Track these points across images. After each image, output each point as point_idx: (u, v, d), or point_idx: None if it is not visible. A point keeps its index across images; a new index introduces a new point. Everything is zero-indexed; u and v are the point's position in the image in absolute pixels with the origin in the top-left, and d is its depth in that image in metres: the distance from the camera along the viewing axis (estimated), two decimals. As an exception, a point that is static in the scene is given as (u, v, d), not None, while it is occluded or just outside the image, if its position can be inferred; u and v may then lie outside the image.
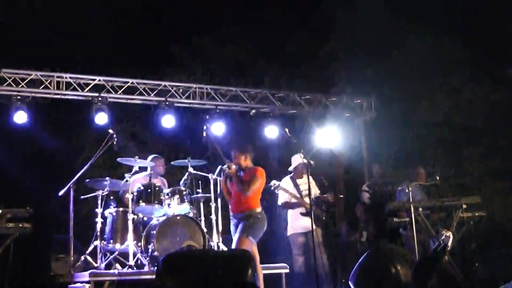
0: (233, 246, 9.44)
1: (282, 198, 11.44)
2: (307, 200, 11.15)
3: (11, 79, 11.64)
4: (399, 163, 15.44)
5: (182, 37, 16.58)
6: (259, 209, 9.66)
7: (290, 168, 11.66)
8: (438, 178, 11.25)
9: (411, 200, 10.29)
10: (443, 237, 10.21)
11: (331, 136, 13.35)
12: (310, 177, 10.67)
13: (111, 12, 16.40)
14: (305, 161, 11.17)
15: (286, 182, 11.50)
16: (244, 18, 16.86)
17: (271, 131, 13.06)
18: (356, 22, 16.83)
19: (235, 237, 9.45)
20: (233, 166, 9.67)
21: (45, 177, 13.74)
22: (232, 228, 9.69)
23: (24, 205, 9.60)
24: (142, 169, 11.43)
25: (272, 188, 11.23)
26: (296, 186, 11.43)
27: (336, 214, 12.17)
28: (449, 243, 10.25)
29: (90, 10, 16.10)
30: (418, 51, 16.94)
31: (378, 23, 16.86)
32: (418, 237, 10.06)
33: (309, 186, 10.20)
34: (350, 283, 7.63)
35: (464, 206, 10.48)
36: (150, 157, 11.57)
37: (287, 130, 10.41)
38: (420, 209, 10.30)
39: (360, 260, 7.68)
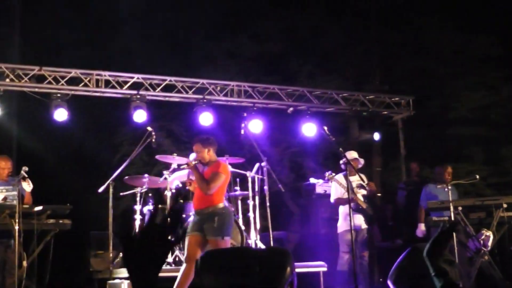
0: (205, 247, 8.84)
1: (334, 194, 11.32)
2: (359, 197, 11.11)
3: (51, 77, 11.73)
4: (436, 161, 15.35)
5: (219, 35, 16.62)
6: (221, 205, 9.04)
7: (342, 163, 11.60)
8: (477, 176, 11.10)
9: (450, 199, 10.19)
10: (483, 237, 10.12)
11: (368, 134, 13.33)
12: (362, 175, 10.68)
13: (149, 11, 16.51)
14: (359, 158, 11.21)
15: (339, 179, 11.39)
16: (280, 15, 16.87)
17: (309, 129, 13.02)
18: (391, 19, 16.78)
19: (211, 240, 8.81)
20: (193, 162, 9.11)
21: (84, 174, 13.88)
22: (191, 225, 9.09)
23: (64, 201, 9.70)
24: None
25: (327, 178, 11.14)
26: (349, 183, 11.33)
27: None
28: (489, 243, 10.15)
29: (129, 9, 16.21)
30: (455, 48, 16.85)
31: (413, 20, 16.80)
32: (457, 236, 9.95)
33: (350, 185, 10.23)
34: (388, 282, 7.59)
35: (505, 205, 10.32)
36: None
37: (325, 128, 10.37)
38: (460, 208, 10.20)
39: (398, 259, 7.63)
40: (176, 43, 16.45)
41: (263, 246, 10.74)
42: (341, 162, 11.44)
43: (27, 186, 9.58)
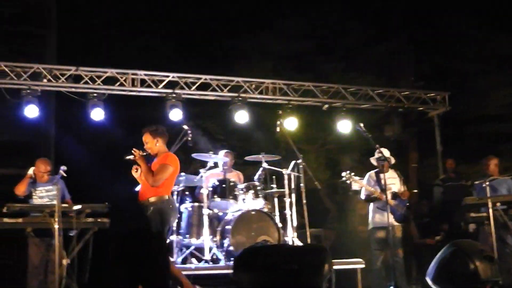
0: None
1: (363, 192, 11.35)
2: (388, 194, 11.08)
3: (87, 77, 11.83)
4: (472, 157, 15.24)
5: (251, 33, 16.63)
6: (166, 197, 8.84)
7: (372, 160, 11.61)
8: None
9: (488, 195, 10.09)
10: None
11: (404, 130, 13.29)
12: (395, 172, 10.66)
13: (182, 10, 16.57)
14: (388, 155, 11.19)
15: (369, 176, 11.38)
16: (312, 12, 16.85)
17: (344, 126, 13.00)
18: (426, 14, 16.68)
19: None
20: (140, 153, 8.88)
21: (121, 173, 13.95)
22: None
23: (102, 200, 9.78)
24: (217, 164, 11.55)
25: (344, 178, 11.15)
26: (379, 180, 11.29)
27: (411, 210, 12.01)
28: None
29: (162, 9, 16.30)
30: (491, 44, 16.71)
31: (449, 15, 16.69)
32: (496, 233, 9.85)
33: (385, 182, 10.22)
34: (427, 279, 7.56)
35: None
36: (222, 152, 11.65)
37: (361, 124, 10.36)
38: (498, 204, 10.10)
39: (437, 256, 7.60)
40: (210, 41, 16.48)
41: (300, 244, 10.75)
42: (371, 159, 11.47)
43: None
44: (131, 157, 8.90)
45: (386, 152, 11.22)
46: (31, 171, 10.18)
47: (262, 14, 16.78)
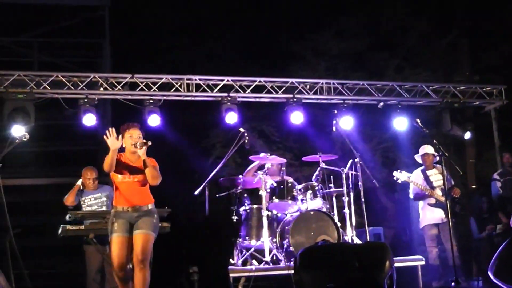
0: (139, 245, 7.99)
1: (413, 190, 11.40)
2: (437, 191, 11.07)
3: (143, 84, 11.95)
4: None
5: (304, 34, 16.65)
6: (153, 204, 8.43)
7: (417, 158, 11.61)
8: None
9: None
10: None
11: (460, 125, 13.17)
12: (442, 168, 10.58)
13: (235, 15, 16.67)
14: (433, 152, 11.15)
15: (416, 174, 11.45)
16: (363, 10, 16.80)
17: (400, 123, 12.94)
18: (480, 7, 16.52)
19: (140, 234, 8.06)
20: (145, 145, 8.12)
21: (179, 178, 14.08)
22: (120, 225, 8.13)
23: (161, 205, 9.87)
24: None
25: (395, 178, 11.19)
26: (426, 177, 11.34)
27: (466, 205, 11.91)
28: None
29: (215, 14, 16.41)
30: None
31: (504, 7, 16.50)
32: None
33: (443, 177, 10.16)
34: (489, 274, 7.51)
35: None
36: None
37: (418, 121, 10.32)
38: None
39: (498, 251, 7.54)
40: (262, 44, 16.53)
41: (359, 242, 10.73)
42: (416, 156, 11.46)
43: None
44: (142, 144, 8.11)
45: (429, 149, 11.22)
46: (79, 182, 10.36)
47: (315, 15, 16.78)
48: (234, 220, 10.88)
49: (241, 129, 11.03)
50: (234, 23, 16.72)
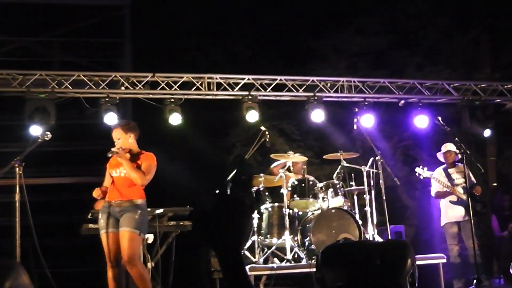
0: (123, 244, 8.00)
1: (434, 188, 11.38)
2: (459, 189, 11.04)
3: (164, 83, 11.97)
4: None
5: (324, 32, 16.63)
6: (143, 200, 8.33)
7: (439, 156, 11.58)
8: None
9: None
10: None
11: (481, 123, 13.12)
12: (463, 166, 10.55)
13: (255, 13, 16.67)
14: (455, 150, 11.12)
15: (438, 172, 11.43)
16: (384, 7, 16.76)
17: (421, 121, 12.89)
18: (499, 5, 16.42)
19: (122, 232, 8.04)
20: (120, 150, 8.23)
21: (200, 176, 14.11)
22: (105, 221, 8.21)
23: (183, 204, 9.90)
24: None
25: (417, 174, 11.18)
26: (448, 175, 11.31)
27: (488, 203, 11.86)
28: None
29: (236, 12, 16.42)
30: None
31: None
32: None
33: (465, 175, 10.14)
34: (511, 271, 7.50)
35: None
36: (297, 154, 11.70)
37: (440, 118, 10.29)
38: None
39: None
40: (283, 42, 16.53)
41: (381, 240, 10.71)
42: (438, 154, 11.44)
43: None
44: (114, 153, 8.28)
45: (451, 147, 11.20)
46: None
47: (336, 13, 16.75)
48: (256, 219, 10.88)
49: (262, 128, 11.06)
50: (255, 22, 16.72)
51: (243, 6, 16.51)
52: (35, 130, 10.85)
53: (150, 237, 9.60)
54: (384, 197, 10.79)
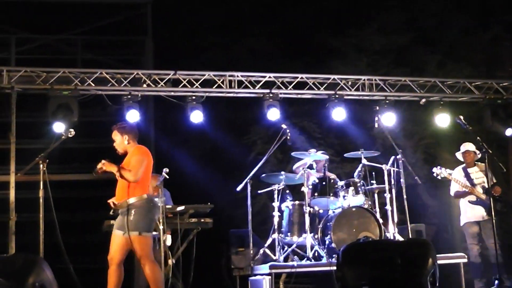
0: (134, 247, 8.17)
1: (453, 188, 11.36)
2: (478, 189, 11.02)
3: (186, 80, 12.02)
4: None
5: (345, 30, 16.61)
6: (145, 196, 8.26)
7: (458, 155, 11.56)
8: None
9: None
10: None
11: (503, 121, 13.08)
12: (483, 166, 10.53)
13: (276, 11, 16.69)
14: (473, 149, 11.10)
15: (457, 172, 11.40)
16: (404, 5, 16.71)
17: (442, 119, 12.87)
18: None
19: (131, 236, 8.11)
20: (104, 162, 8.34)
21: (221, 174, 14.16)
22: (116, 222, 8.44)
23: (204, 201, 9.95)
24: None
25: (435, 174, 11.15)
26: (467, 175, 11.29)
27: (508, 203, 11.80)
28: None
29: (257, 10, 16.45)
30: None
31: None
32: None
33: (486, 175, 10.13)
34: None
35: None
36: (319, 152, 11.70)
37: (461, 117, 10.26)
38: None
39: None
40: (304, 40, 16.53)
41: (401, 239, 10.72)
42: (456, 154, 11.42)
43: None
44: (97, 171, 8.42)
45: (470, 146, 11.18)
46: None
47: (356, 11, 16.73)
48: (276, 217, 10.91)
49: (284, 126, 11.10)
50: (276, 19, 16.74)
51: (265, 3, 16.55)
52: (59, 127, 10.96)
53: (168, 238, 9.69)
54: (405, 196, 10.79)
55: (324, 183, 10.89)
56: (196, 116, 11.90)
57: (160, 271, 8.32)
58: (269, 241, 10.84)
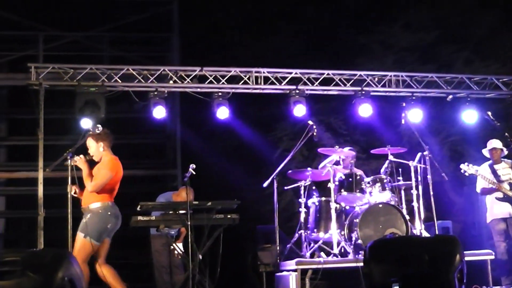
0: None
1: (479, 184, 11.30)
2: (505, 186, 10.96)
3: (212, 77, 12.04)
4: None
5: (372, 26, 16.58)
6: (105, 204, 8.64)
7: (484, 152, 11.50)
8: None
9: None
10: None
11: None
12: (509, 163, 10.48)
13: (304, 8, 16.69)
14: (500, 147, 11.04)
15: (484, 168, 11.34)
16: (430, 1, 16.65)
17: (469, 116, 12.80)
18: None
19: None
20: (81, 158, 8.65)
21: (247, 170, 14.19)
22: None
23: (230, 197, 9.95)
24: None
25: (462, 171, 11.10)
26: (494, 171, 11.23)
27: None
28: None
29: (283, 6, 16.46)
30: None
31: None
32: None
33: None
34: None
35: None
36: (347, 148, 11.70)
37: (489, 113, 10.21)
38: None
39: None
40: (330, 36, 16.51)
41: (428, 236, 10.67)
42: (483, 151, 11.35)
43: None
44: (72, 162, 8.66)
45: (497, 143, 11.12)
46: None
47: (383, 7, 16.70)
48: (302, 213, 10.92)
49: (310, 122, 11.10)
50: (302, 16, 16.74)
51: (293, 1, 16.57)
52: (86, 123, 11.03)
53: (179, 246, 9.81)
54: (431, 192, 10.75)
55: (350, 179, 10.87)
56: (222, 112, 11.93)
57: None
58: (295, 237, 10.85)
